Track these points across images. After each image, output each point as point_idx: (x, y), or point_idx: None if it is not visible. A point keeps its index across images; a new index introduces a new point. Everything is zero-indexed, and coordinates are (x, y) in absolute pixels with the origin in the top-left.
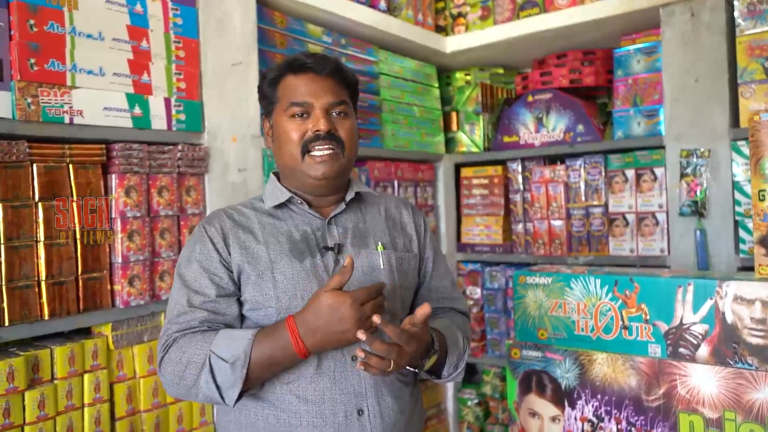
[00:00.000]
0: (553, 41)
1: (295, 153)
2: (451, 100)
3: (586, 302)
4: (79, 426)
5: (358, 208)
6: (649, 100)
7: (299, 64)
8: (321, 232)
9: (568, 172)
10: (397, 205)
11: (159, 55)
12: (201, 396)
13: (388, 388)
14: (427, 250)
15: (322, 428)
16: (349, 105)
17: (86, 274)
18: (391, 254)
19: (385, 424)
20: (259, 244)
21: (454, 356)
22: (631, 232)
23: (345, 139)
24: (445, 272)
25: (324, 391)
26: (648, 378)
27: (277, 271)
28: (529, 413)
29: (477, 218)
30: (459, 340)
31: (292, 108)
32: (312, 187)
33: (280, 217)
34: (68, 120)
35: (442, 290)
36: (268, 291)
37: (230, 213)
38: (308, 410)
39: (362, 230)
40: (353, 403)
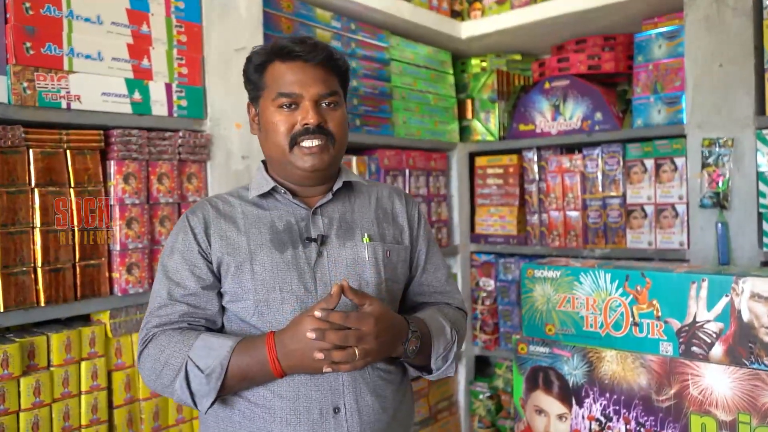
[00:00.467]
0: (572, 26)
1: (283, 144)
2: (466, 87)
3: (596, 297)
4: (75, 413)
5: (347, 197)
6: (670, 87)
7: (288, 51)
8: (305, 223)
9: (585, 162)
10: (389, 194)
11: (160, 40)
12: (175, 397)
13: (368, 386)
14: (420, 242)
15: (296, 425)
16: (339, 95)
17: (84, 261)
18: (377, 246)
19: (363, 423)
20: (240, 234)
21: (440, 345)
22: (649, 224)
23: (335, 131)
24: (438, 266)
25: (299, 387)
26: (659, 377)
27: (256, 262)
28: (536, 410)
29: (491, 208)
30: (445, 328)
31: (280, 98)
32: (300, 178)
33: (264, 206)
34: (65, 105)
35: (435, 284)
36: (246, 283)
37: (215, 202)
38: (282, 406)
39: (349, 221)
40: (329, 401)
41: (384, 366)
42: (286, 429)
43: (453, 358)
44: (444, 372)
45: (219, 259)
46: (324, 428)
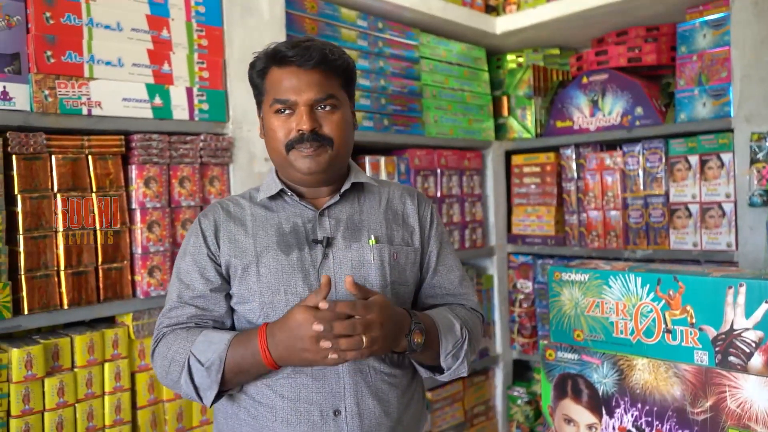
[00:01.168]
0: (613, 18)
1: (281, 149)
2: (501, 83)
3: (626, 302)
4: (99, 414)
5: (356, 198)
6: (716, 79)
7: (282, 57)
8: (312, 225)
9: (625, 159)
10: (401, 195)
11: (180, 45)
12: (183, 393)
13: (370, 390)
14: (431, 243)
15: (296, 426)
16: (337, 97)
17: (106, 264)
18: (384, 248)
19: (364, 427)
20: (247, 237)
21: (449, 343)
22: (694, 224)
23: (332, 135)
24: (451, 267)
25: (301, 388)
26: (694, 388)
27: (262, 264)
28: (564, 419)
29: (528, 208)
30: (455, 326)
31: (276, 104)
32: (300, 180)
33: (272, 208)
34: (86, 111)
35: (448, 286)
36: (251, 285)
37: (226, 204)
38: (284, 406)
39: (356, 222)
40: (330, 403)
41: (388, 369)
42: (287, 429)
43: (464, 357)
44: (455, 371)
45: (227, 262)
46: (324, 430)
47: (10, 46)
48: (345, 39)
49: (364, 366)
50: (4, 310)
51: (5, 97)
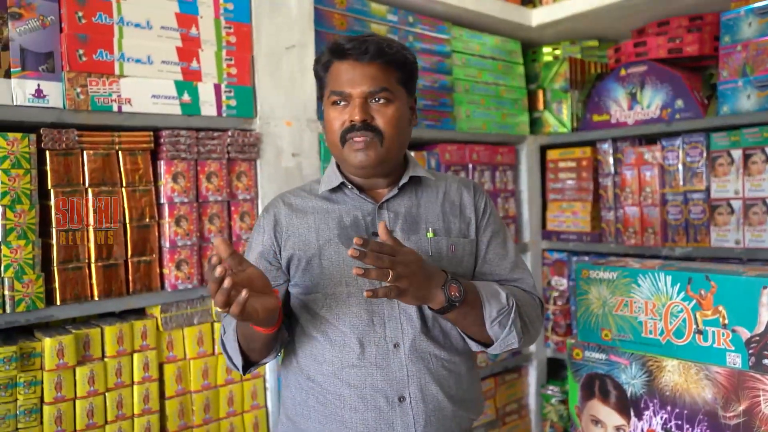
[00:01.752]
0: (654, 7)
1: (336, 141)
2: (537, 77)
3: (655, 301)
4: (129, 402)
5: (414, 192)
6: (761, 69)
7: (341, 50)
8: (371, 217)
9: (664, 154)
10: (458, 187)
11: (209, 42)
12: (228, 364)
13: (432, 376)
14: (484, 233)
15: (364, 412)
16: (393, 90)
17: (135, 258)
18: (441, 241)
19: (428, 411)
20: (310, 230)
21: (493, 308)
22: (736, 221)
23: (383, 127)
24: (503, 255)
25: (366, 377)
26: (726, 391)
27: (324, 257)
28: (592, 420)
29: (563, 204)
30: (500, 293)
31: (333, 96)
32: (354, 173)
33: (334, 200)
34: (116, 108)
35: (500, 272)
36: (315, 277)
37: (287, 198)
38: (351, 394)
39: (414, 215)
40: (394, 390)
41: (447, 356)
42: (355, 416)
43: (512, 326)
44: (505, 341)
45: (290, 255)
46: (390, 416)
47: (44, 46)
48: (376, 34)
49: (425, 353)
50: (37, 301)
51: (39, 95)
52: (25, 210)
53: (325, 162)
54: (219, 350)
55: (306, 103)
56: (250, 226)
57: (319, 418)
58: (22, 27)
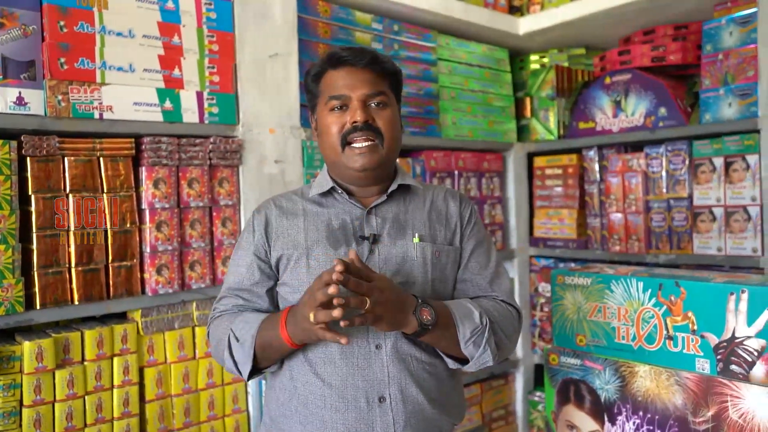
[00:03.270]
0: (639, 15)
1: (336, 145)
2: (524, 85)
3: (627, 307)
4: (108, 406)
5: (402, 198)
6: (742, 78)
7: (337, 58)
8: (360, 222)
9: (648, 161)
10: (445, 197)
11: (191, 50)
12: (227, 368)
13: (413, 377)
14: (468, 241)
15: (345, 412)
16: (388, 95)
17: (116, 262)
18: (426, 246)
19: (408, 412)
20: (299, 231)
21: (467, 329)
22: (718, 229)
23: (383, 129)
24: (485, 264)
25: (347, 376)
26: (695, 397)
27: (312, 257)
28: (567, 425)
29: (550, 211)
30: (473, 312)
31: (331, 101)
32: (353, 178)
33: (323, 204)
34: (98, 115)
35: (480, 282)
36: (301, 276)
37: (279, 201)
38: (332, 394)
39: (402, 221)
40: (375, 390)
41: (428, 359)
42: (336, 416)
43: (486, 344)
44: (480, 360)
45: (279, 255)
46: (370, 416)
47: (26, 54)
48: (359, 42)
49: (406, 356)
50: (17, 305)
51: (20, 103)
52: (5, 215)
53: (309, 169)
54: (201, 354)
55: (290, 110)
56: (232, 231)
57: (300, 418)
58: (4, 36)
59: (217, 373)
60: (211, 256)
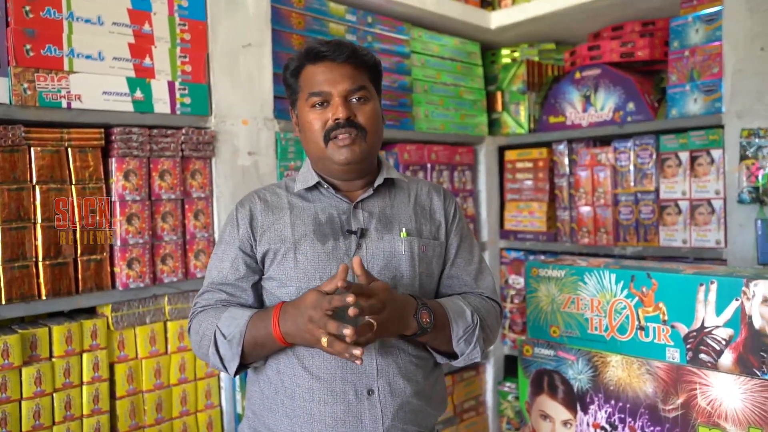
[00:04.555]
0: (609, 11)
1: (319, 141)
2: (495, 79)
3: (600, 299)
4: (77, 403)
5: (387, 193)
6: (707, 74)
7: (315, 53)
8: (346, 216)
9: (616, 155)
10: (428, 191)
11: (163, 39)
12: (211, 363)
13: (400, 370)
14: (452, 237)
15: (333, 405)
16: (369, 89)
17: (85, 256)
18: (414, 241)
19: (396, 405)
20: (285, 225)
21: (460, 328)
22: (684, 221)
23: (365, 124)
24: (470, 260)
25: (335, 370)
26: (665, 385)
27: (299, 251)
28: (541, 415)
29: (520, 204)
30: (465, 311)
31: (311, 98)
32: (338, 172)
33: (309, 199)
34: (66, 105)
35: (465, 278)
36: (289, 270)
37: (263, 194)
38: (320, 387)
39: (388, 215)
40: (363, 383)
41: (414, 351)
42: (324, 408)
43: (476, 342)
44: (469, 356)
45: (266, 249)
46: (359, 408)
47: None
48: (333, 33)
49: (393, 348)
50: None
51: None
52: None
53: (282, 161)
54: (173, 349)
55: (263, 101)
56: (205, 224)
57: (287, 411)
58: None
59: (190, 368)
60: (184, 249)
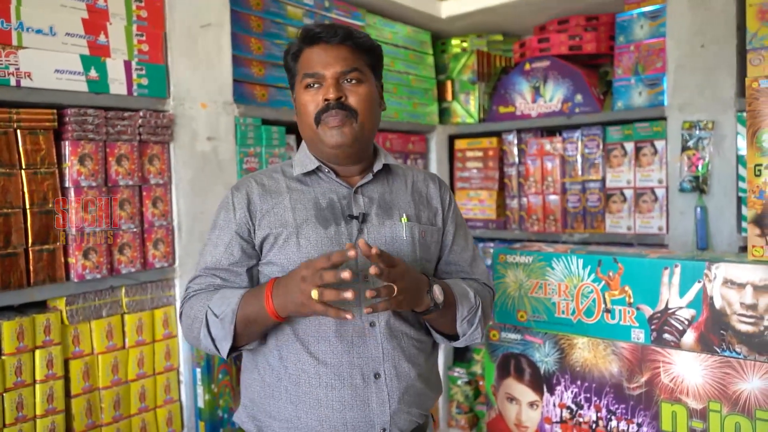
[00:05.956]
0: (555, 5)
1: (311, 123)
2: (446, 68)
3: (568, 283)
4: (30, 403)
5: (385, 179)
6: (651, 68)
7: (311, 36)
8: (347, 201)
9: (564, 145)
10: (424, 178)
11: (118, 15)
12: (203, 346)
13: (404, 354)
14: (449, 224)
15: (340, 389)
16: (363, 72)
17: (37, 246)
18: (414, 226)
19: (401, 388)
20: (286, 209)
21: (464, 308)
22: (628, 209)
23: (357, 106)
24: (465, 246)
25: (342, 354)
26: (630, 365)
27: (302, 236)
28: (507, 398)
29: (470, 192)
30: (469, 293)
31: (305, 79)
32: (330, 155)
33: (308, 183)
34: (14, 82)
35: (461, 263)
36: (291, 255)
37: (259, 178)
38: (327, 372)
39: (388, 201)
40: (370, 367)
41: (416, 335)
42: (331, 393)
43: (478, 323)
44: (470, 337)
45: (266, 234)
46: (366, 392)
47: None
48: (291, 17)
49: (398, 332)
50: None
51: None
52: None
53: (242, 147)
54: (131, 343)
55: (222, 85)
56: (163, 212)
57: (291, 398)
58: None
59: (148, 362)
60: (142, 238)
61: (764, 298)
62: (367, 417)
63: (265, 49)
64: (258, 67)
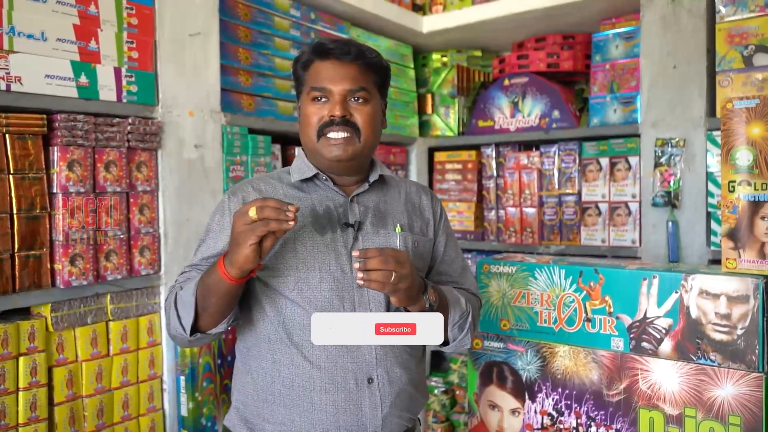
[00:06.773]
0: (533, 24)
1: (312, 135)
2: (426, 81)
3: (550, 293)
4: (12, 411)
5: (380, 189)
6: (626, 87)
7: (323, 50)
8: (343, 209)
9: (542, 159)
10: (417, 190)
11: (109, 22)
12: (172, 329)
13: (397, 359)
14: (440, 235)
15: (334, 393)
16: (370, 91)
17: (23, 252)
18: (408, 236)
19: (393, 392)
20: None
21: (456, 314)
22: (603, 222)
23: (361, 125)
24: (455, 257)
25: (336, 358)
26: (609, 372)
27: (299, 242)
28: (489, 405)
29: (449, 204)
30: (460, 299)
31: (313, 92)
32: (329, 166)
33: (305, 190)
34: (5, 87)
35: (452, 273)
36: (287, 260)
37: (256, 184)
38: (321, 376)
39: (382, 210)
40: (364, 372)
41: None
42: (325, 397)
43: (468, 329)
44: (460, 342)
45: None
46: (359, 396)
47: None
48: (278, 27)
49: None
50: None
51: None
52: None
53: (228, 155)
54: (115, 351)
55: (209, 93)
56: (150, 219)
57: (285, 402)
58: None
59: (132, 370)
60: (128, 245)
61: (737, 308)
62: (359, 421)
63: (252, 59)
64: (245, 76)
